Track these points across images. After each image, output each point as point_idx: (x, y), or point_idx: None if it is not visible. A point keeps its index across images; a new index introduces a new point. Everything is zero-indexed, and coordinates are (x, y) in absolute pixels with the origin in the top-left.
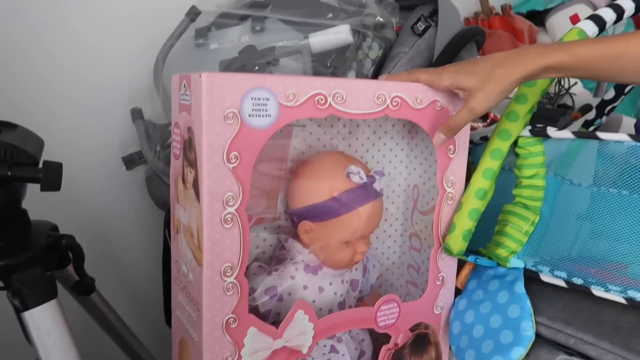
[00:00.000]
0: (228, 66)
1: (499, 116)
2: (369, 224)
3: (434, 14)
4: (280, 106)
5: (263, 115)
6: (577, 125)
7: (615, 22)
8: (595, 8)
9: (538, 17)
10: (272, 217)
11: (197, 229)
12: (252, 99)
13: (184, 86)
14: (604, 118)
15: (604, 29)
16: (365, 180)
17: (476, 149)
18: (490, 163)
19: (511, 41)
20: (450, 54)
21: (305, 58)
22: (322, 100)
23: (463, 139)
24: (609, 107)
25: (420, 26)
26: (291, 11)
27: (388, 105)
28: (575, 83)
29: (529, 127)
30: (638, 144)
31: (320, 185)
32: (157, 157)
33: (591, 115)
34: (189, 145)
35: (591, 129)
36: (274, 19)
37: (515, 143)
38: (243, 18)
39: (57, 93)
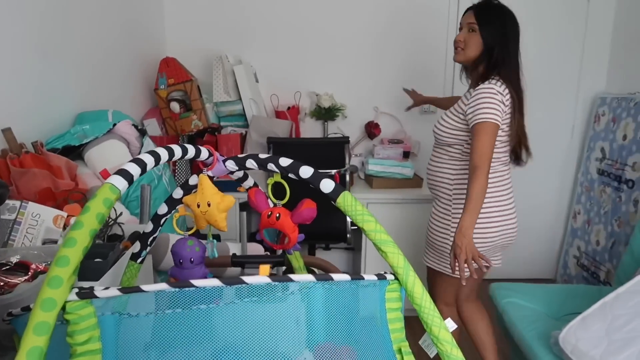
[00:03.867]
0: None
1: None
2: None
3: None
4: None
5: None
6: (128, 255)
7: (141, 174)
8: (127, 142)
9: (75, 152)
10: None
11: None
12: None
13: None
14: (149, 248)
15: (132, 182)
16: None
17: (17, 320)
18: (35, 340)
19: (50, 178)
20: None
21: None
22: None
23: None
24: (150, 238)
25: None
26: None
27: None
28: (121, 214)
29: (76, 290)
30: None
31: None
32: None
33: (137, 247)
34: None
35: (139, 260)
36: None
37: (63, 309)
38: None
39: None
